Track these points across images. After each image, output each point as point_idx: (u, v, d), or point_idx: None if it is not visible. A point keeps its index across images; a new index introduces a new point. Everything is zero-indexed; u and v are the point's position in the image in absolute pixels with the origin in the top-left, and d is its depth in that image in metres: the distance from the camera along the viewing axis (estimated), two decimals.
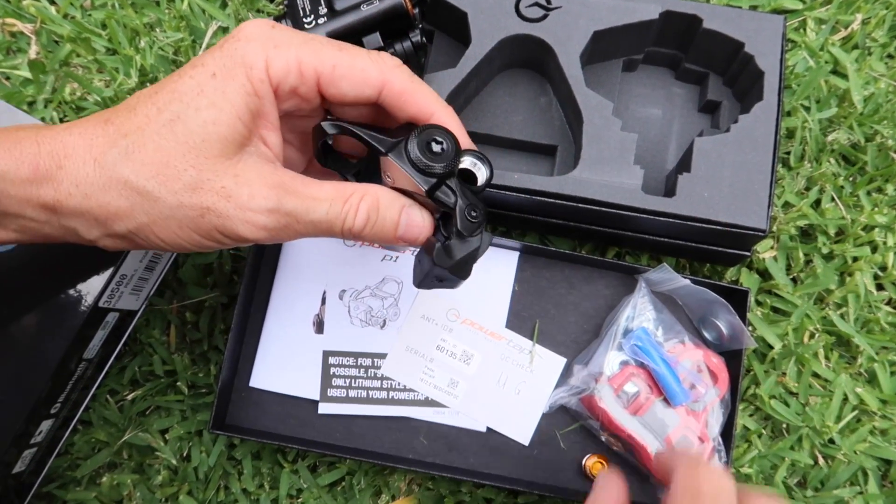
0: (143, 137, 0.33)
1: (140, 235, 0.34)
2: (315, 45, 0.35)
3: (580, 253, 0.54)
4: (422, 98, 0.37)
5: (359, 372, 0.51)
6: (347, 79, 0.35)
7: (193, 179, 0.33)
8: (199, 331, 0.53)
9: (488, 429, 0.51)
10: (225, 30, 0.58)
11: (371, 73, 0.36)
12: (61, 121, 0.57)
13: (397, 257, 0.52)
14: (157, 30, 0.59)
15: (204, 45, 0.57)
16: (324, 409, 0.51)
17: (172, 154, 0.33)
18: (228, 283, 0.54)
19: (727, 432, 0.49)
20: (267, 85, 0.34)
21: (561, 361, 0.51)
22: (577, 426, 0.51)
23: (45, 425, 0.46)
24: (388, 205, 0.36)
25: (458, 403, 0.51)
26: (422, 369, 0.51)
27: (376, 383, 0.51)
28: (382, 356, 0.52)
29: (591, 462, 0.50)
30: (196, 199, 0.33)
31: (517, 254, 0.53)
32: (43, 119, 0.56)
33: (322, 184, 0.35)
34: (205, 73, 0.34)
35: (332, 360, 0.51)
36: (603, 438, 0.50)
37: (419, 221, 0.37)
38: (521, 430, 0.51)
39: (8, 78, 0.58)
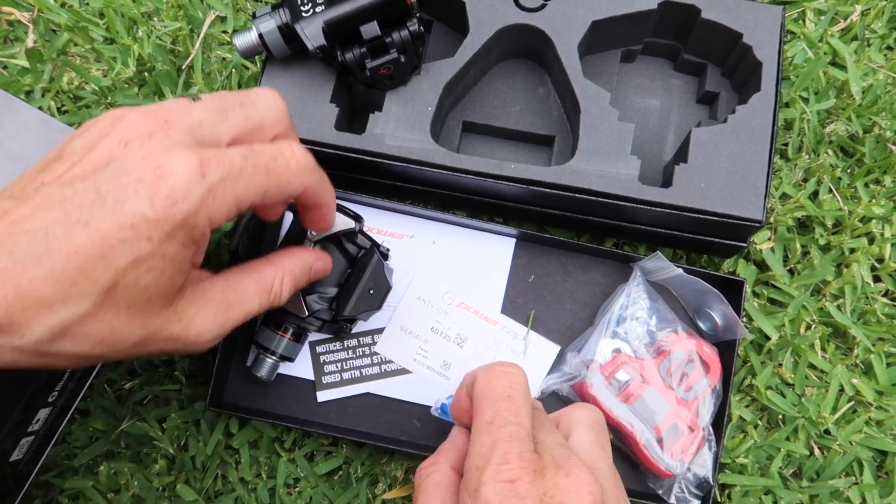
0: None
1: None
2: (248, 173, 0.33)
3: (576, 241, 0.54)
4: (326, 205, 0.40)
5: (347, 354, 0.52)
6: (275, 197, 0.35)
7: (141, 338, 0.32)
8: None
9: None
10: (223, 19, 0.58)
11: (294, 182, 0.35)
12: (59, 110, 0.57)
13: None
14: (155, 19, 0.58)
15: (202, 35, 0.57)
16: (322, 396, 0.51)
17: (116, 323, 0.31)
18: None
19: (718, 422, 0.49)
20: (207, 231, 0.33)
21: (554, 349, 0.52)
22: None
23: (43, 413, 0.46)
24: (301, 272, 0.41)
25: (450, 385, 0.51)
26: (415, 349, 0.52)
27: (367, 360, 0.52)
28: (366, 334, 0.52)
29: None
30: (145, 348, 0.33)
31: (514, 241, 0.53)
32: (41, 108, 0.56)
33: (245, 281, 0.37)
34: (139, 236, 0.31)
35: (319, 348, 0.52)
36: None
37: (322, 268, 0.43)
38: None
39: (5, 67, 0.58)
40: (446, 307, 0.52)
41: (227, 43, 0.58)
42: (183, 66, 0.57)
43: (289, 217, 0.52)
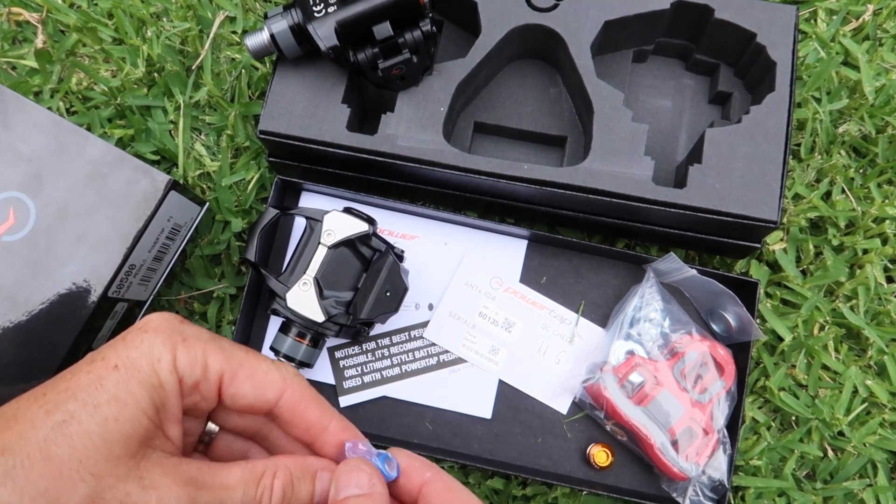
0: (26, 449, 0.28)
1: None
2: (223, 343, 0.34)
3: (588, 241, 0.53)
4: (318, 408, 0.35)
5: (367, 357, 0.51)
6: (251, 380, 0.34)
7: (91, 491, 0.28)
8: (206, 322, 0.53)
9: (493, 415, 0.51)
10: (232, 20, 0.58)
11: (274, 377, 0.35)
12: (68, 111, 0.56)
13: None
14: (164, 19, 0.58)
15: (211, 36, 0.57)
16: (345, 401, 0.51)
17: (65, 464, 0.28)
18: (237, 274, 0.54)
19: (733, 424, 0.49)
20: (174, 377, 0.32)
21: (601, 333, 0.52)
22: (582, 415, 0.51)
23: None
24: (301, 474, 0.34)
25: (498, 370, 0.51)
26: (464, 335, 0.52)
27: (386, 362, 0.51)
28: (384, 336, 0.52)
29: (595, 451, 0.50)
30: None
31: (525, 242, 0.53)
32: (50, 109, 0.56)
33: (230, 467, 0.33)
34: (105, 366, 0.31)
35: (338, 353, 0.51)
36: (608, 428, 0.50)
37: (327, 485, 0.34)
38: (559, 400, 0.51)
39: (14, 68, 0.57)
40: (494, 292, 0.52)
41: (237, 43, 0.58)
42: (192, 67, 0.57)
43: (300, 223, 0.52)
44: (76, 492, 0.28)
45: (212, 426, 0.37)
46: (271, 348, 0.46)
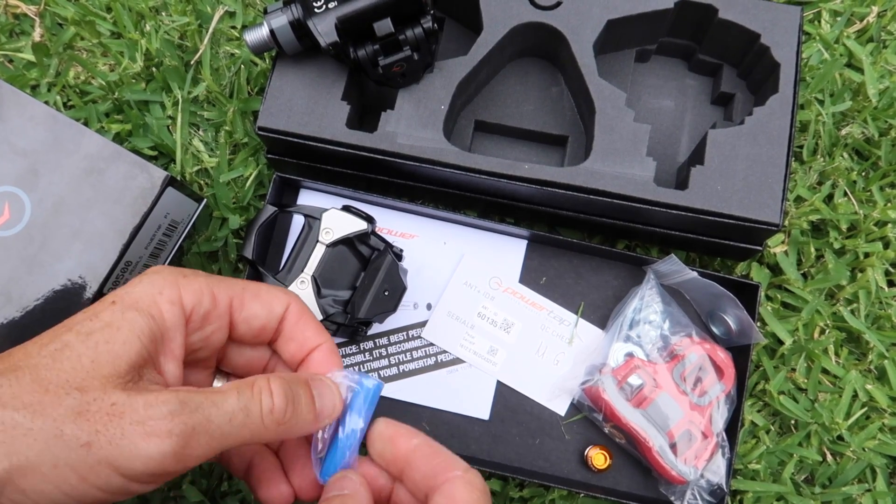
0: (17, 373, 0.29)
1: None
2: (221, 278, 0.35)
3: (588, 242, 0.53)
4: (315, 324, 0.36)
5: (364, 356, 0.51)
6: (259, 299, 0.35)
7: (77, 403, 0.28)
8: None
9: (491, 416, 0.51)
10: (231, 14, 0.58)
11: (278, 293, 0.36)
12: (65, 105, 0.56)
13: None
14: (163, 13, 0.58)
15: (210, 31, 0.56)
16: None
17: (53, 381, 0.28)
18: (234, 271, 0.53)
19: (732, 428, 0.48)
20: (178, 308, 0.32)
21: (600, 334, 0.51)
22: (580, 417, 0.51)
23: None
24: (295, 380, 0.33)
25: (496, 371, 0.51)
26: (462, 335, 0.51)
27: (384, 362, 0.51)
28: (382, 335, 0.51)
29: (593, 453, 0.49)
30: (80, 424, 0.27)
31: (525, 242, 0.53)
32: (47, 103, 0.55)
33: (220, 386, 0.33)
34: (101, 303, 0.31)
35: None
36: (606, 430, 0.50)
37: (329, 395, 0.33)
38: (557, 401, 0.51)
39: (11, 61, 0.57)
40: (493, 292, 0.51)
41: (236, 38, 0.57)
42: (191, 62, 0.56)
43: (298, 220, 0.52)
44: (61, 404, 0.28)
45: (219, 384, 0.37)
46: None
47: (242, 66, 0.56)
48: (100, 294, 0.44)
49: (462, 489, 0.31)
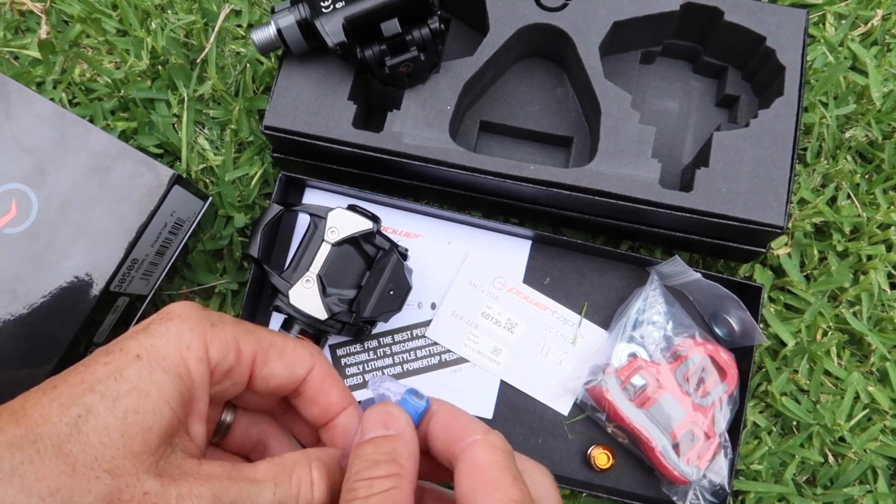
0: (38, 446, 0.26)
1: None
2: (248, 326, 0.33)
3: (592, 243, 0.53)
4: (340, 388, 0.34)
5: (368, 355, 0.51)
6: (282, 359, 0.33)
7: (108, 490, 0.26)
8: None
9: (494, 415, 0.51)
10: (238, 13, 0.58)
11: (304, 353, 0.34)
12: (70, 102, 0.56)
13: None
14: (169, 11, 0.58)
15: (216, 29, 0.56)
16: None
17: (79, 462, 0.26)
18: (239, 270, 0.53)
19: (735, 428, 0.48)
20: (205, 366, 0.30)
21: (604, 335, 0.51)
22: (583, 417, 0.51)
23: None
24: (337, 462, 0.32)
25: (500, 370, 0.51)
26: (466, 335, 0.51)
27: (388, 361, 0.51)
28: (386, 334, 0.52)
29: (596, 453, 0.50)
30: None
31: (529, 242, 0.53)
32: (52, 100, 0.55)
33: (256, 463, 0.30)
34: (124, 357, 0.29)
35: (339, 351, 0.51)
36: (609, 430, 0.50)
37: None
38: (561, 401, 0.51)
39: (16, 58, 0.57)
40: (497, 292, 0.52)
41: (242, 37, 0.57)
42: (197, 60, 0.56)
43: (304, 219, 0.52)
44: (91, 491, 0.26)
45: (227, 417, 0.36)
46: None
47: (248, 64, 0.56)
48: (106, 292, 0.44)
49: (483, 452, 0.29)
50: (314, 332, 0.45)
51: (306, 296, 0.44)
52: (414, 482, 0.29)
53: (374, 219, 0.46)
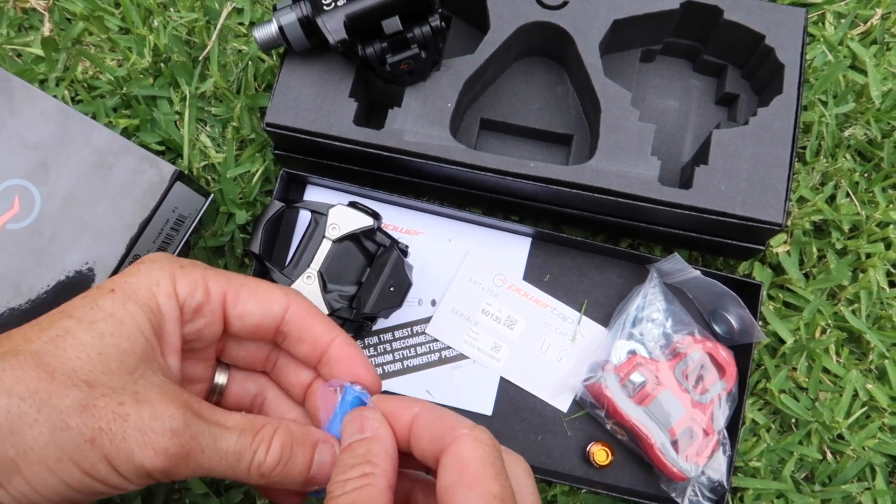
0: (19, 357, 0.28)
1: None
2: (221, 271, 0.34)
3: (592, 241, 0.53)
4: (323, 321, 0.35)
5: (368, 352, 0.51)
6: (255, 297, 0.34)
7: (84, 396, 0.28)
8: None
9: (494, 412, 0.51)
10: (240, 11, 0.58)
11: (277, 292, 0.35)
12: (73, 100, 0.56)
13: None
14: (171, 9, 0.58)
15: (218, 27, 0.57)
16: None
17: (59, 370, 0.28)
18: (240, 266, 0.54)
19: (733, 426, 0.49)
20: (173, 301, 0.32)
21: (603, 332, 0.52)
22: (582, 413, 0.51)
23: None
24: (302, 440, 0.32)
25: (499, 367, 0.51)
26: (466, 332, 0.52)
27: (388, 357, 0.52)
28: (387, 331, 0.52)
29: (595, 449, 0.50)
30: (85, 419, 0.27)
31: (529, 240, 0.53)
32: (55, 97, 0.55)
33: (230, 413, 0.32)
34: (100, 291, 0.31)
35: None
36: (608, 427, 0.50)
37: (331, 462, 0.33)
38: (560, 398, 0.51)
39: (19, 55, 0.57)
40: (497, 289, 0.52)
41: (244, 35, 0.58)
42: (199, 58, 0.57)
43: (305, 216, 0.52)
44: (68, 395, 0.28)
45: (221, 378, 0.37)
46: None
47: (250, 62, 0.56)
48: None
49: (469, 446, 0.29)
50: None
51: (307, 292, 0.44)
52: (390, 478, 0.30)
53: (375, 215, 0.46)
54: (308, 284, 0.44)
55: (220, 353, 0.37)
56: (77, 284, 0.43)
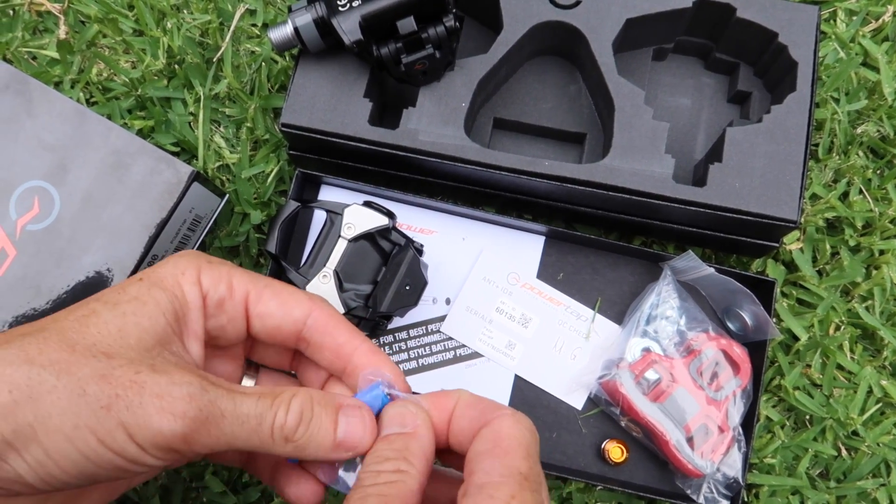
0: (44, 333, 0.29)
1: (15, 445, 0.28)
2: (247, 271, 0.35)
3: (606, 238, 0.54)
4: (346, 329, 0.35)
5: (384, 350, 0.51)
6: (277, 299, 0.34)
7: (102, 366, 0.28)
8: None
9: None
10: (252, 12, 0.58)
11: (300, 297, 0.35)
12: (88, 102, 0.57)
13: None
14: (185, 11, 0.58)
15: (231, 28, 0.57)
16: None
17: (80, 343, 0.29)
18: (255, 266, 0.54)
19: (748, 422, 0.49)
20: (196, 289, 0.33)
21: (617, 329, 0.52)
22: (597, 411, 0.51)
23: None
24: (322, 402, 0.32)
25: (514, 365, 0.52)
26: (480, 330, 0.52)
27: (403, 356, 0.52)
28: (401, 330, 0.52)
29: (610, 447, 0.50)
30: (102, 386, 0.28)
31: (543, 238, 0.53)
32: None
33: (248, 387, 0.32)
34: (129, 280, 0.32)
35: None
36: (623, 424, 0.50)
37: (360, 426, 0.32)
38: (575, 395, 0.52)
39: (34, 58, 0.58)
40: (511, 287, 0.52)
41: (257, 36, 0.58)
42: (213, 59, 0.57)
43: (320, 216, 0.52)
44: (87, 364, 0.28)
45: (249, 381, 0.37)
46: None
47: (263, 63, 0.56)
48: None
49: (509, 424, 0.29)
50: None
51: (323, 291, 0.45)
52: (422, 479, 0.30)
53: (390, 215, 0.46)
54: (324, 284, 0.45)
55: (251, 353, 0.38)
56: (96, 285, 0.44)
